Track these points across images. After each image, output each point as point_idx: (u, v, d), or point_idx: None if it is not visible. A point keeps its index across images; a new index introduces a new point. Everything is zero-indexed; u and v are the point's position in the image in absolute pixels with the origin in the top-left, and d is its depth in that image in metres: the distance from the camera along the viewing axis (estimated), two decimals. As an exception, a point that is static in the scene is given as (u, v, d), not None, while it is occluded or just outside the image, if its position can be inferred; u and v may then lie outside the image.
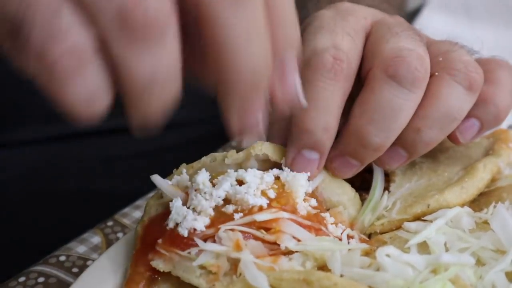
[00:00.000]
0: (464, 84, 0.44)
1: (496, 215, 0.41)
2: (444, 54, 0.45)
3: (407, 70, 0.43)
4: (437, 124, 0.44)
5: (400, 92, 0.43)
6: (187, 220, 0.43)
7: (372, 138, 0.44)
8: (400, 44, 0.44)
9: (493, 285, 0.38)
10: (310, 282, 0.37)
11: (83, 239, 0.53)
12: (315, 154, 0.44)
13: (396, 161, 0.47)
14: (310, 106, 0.43)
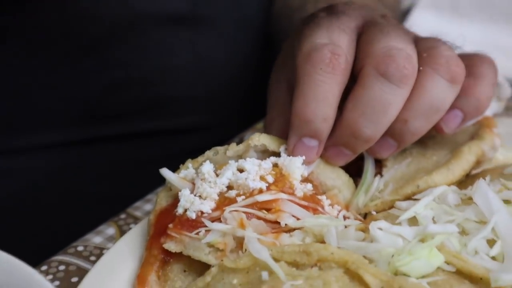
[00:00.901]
0: (446, 77, 0.48)
1: (478, 190, 0.45)
2: (429, 50, 0.49)
3: (396, 68, 0.47)
4: (423, 115, 0.48)
5: (390, 88, 0.47)
6: (195, 205, 0.47)
7: (363, 130, 0.48)
8: (390, 43, 0.48)
9: (475, 251, 0.41)
10: (309, 253, 0.40)
11: (99, 231, 0.57)
12: (314, 142, 0.48)
13: (386, 150, 0.50)
14: (310, 98, 0.47)
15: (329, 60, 0.47)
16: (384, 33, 0.49)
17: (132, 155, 0.79)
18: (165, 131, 0.80)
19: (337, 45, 0.48)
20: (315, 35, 0.49)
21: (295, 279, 0.38)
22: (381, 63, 0.47)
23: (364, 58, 0.48)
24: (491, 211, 0.43)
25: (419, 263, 0.39)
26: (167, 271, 0.47)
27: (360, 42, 0.50)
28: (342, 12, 0.52)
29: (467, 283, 0.39)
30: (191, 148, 0.80)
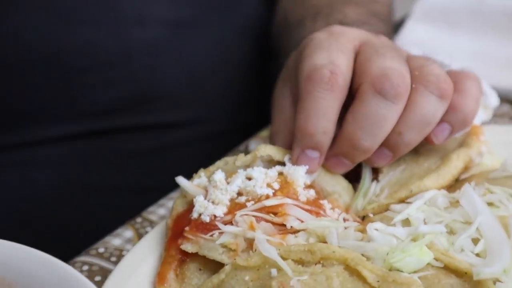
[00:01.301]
0: (436, 94, 0.53)
1: (464, 193, 0.50)
2: (420, 69, 0.54)
3: (391, 86, 0.52)
4: (415, 128, 0.53)
5: (385, 104, 0.52)
6: (208, 210, 0.52)
7: (361, 142, 0.53)
8: (386, 64, 0.53)
9: (461, 248, 0.46)
10: (313, 252, 0.45)
11: (117, 234, 0.62)
12: (316, 153, 0.54)
13: (382, 160, 0.55)
14: (311, 113, 0.52)
15: (328, 79, 0.52)
16: (380, 53, 0.54)
17: (140, 145, 0.84)
18: (155, 125, 0.84)
19: (336, 65, 0.53)
20: (316, 56, 0.54)
21: (301, 275, 0.43)
22: (377, 81, 0.52)
23: (361, 77, 0.53)
24: (475, 213, 0.48)
25: (411, 260, 0.44)
26: (184, 270, 0.51)
27: (358, 61, 0.55)
28: (340, 34, 0.57)
29: (453, 277, 0.44)
30: (179, 142, 0.85)
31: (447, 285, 0.43)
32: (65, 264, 0.40)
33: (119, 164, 0.83)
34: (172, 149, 0.86)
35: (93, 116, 0.81)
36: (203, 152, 0.87)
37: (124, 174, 0.84)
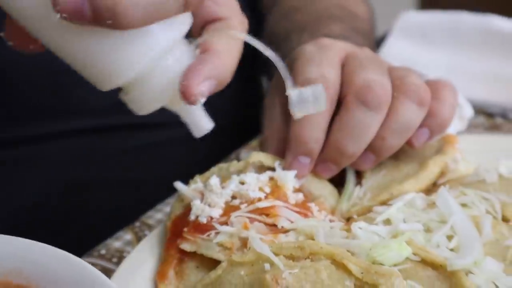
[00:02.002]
0: (416, 102, 0.58)
1: (440, 195, 0.54)
2: (401, 79, 0.59)
3: (373, 96, 0.57)
4: (397, 133, 0.58)
5: (369, 114, 0.57)
6: (205, 212, 0.56)
7: (347, 148, 0.58)
8: (368, 76, 0.58)
9: (437, 244, 0.51)
10: (303, 248, 0.49)
11: (118, 236, 0.66)
12: (307, 159, 0.58)
13: (367, 163, 0.60)
14: (305, 124, 0.57)
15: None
16: (363, 66, 0.59)
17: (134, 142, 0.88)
18: (143, 124, 0.88)
19: (327, 79, 0.58)
20: (308, 70, 0.59)
21: (292, 269, 0.47)
22: (361, 93, 0.57)
23: (346, 88, 0.58)
24: (450, 213, 0.53)
25: (391, 254, 0.49)
26: (183, 268, 0.55)
27: (344, 73, 0.60)
28: (328, 46, 0.62)
29: (430, 269, 0.48)
30: (168, 141, 0.89)
31: (424, 276, 0.48)
32: (82, 261, 0.44)
33: (113, 160, 0.87)
34: (161, 147, 0.90)
35: (86, 115, 0.84)
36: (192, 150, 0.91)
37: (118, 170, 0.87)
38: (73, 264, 0.44)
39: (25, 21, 0.45)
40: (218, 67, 0.47)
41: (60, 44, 0.46)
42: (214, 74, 0.46)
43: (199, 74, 0.46)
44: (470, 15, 1.03)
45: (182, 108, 0.49)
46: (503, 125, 0.86)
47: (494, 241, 0.51)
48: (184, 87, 0.45)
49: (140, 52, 0.45)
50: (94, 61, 0.45)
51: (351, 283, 0.46)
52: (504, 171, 0.61)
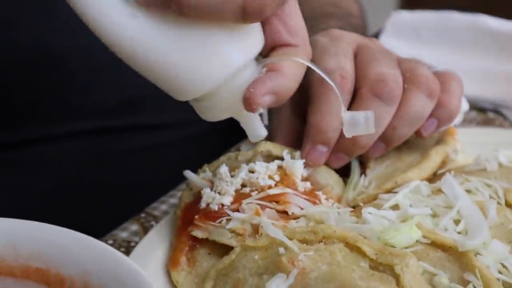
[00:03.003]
0: (426, 93, 0.60)
1: (445, 181, 0.56)
2: (411, 71, 0.61)
3: (388, 91, 0.59)
4: (408, 123, 0.60)
5: (383, 106, 0.59)
6: (216, 199, 0.57)
7: (361, 139, 0.59)
8: (382, 69, 0.60)
9: (445, 228, 0.52)
10: (316, 232, 0.50)
11: (124, 227, 0.66)
12: (325, 148, 0.60)
13: (377, 151, 0.62)
14: (325, 113, 0.58)
15: (339, 83, 0.59)
16: (376, 59, 0.61)
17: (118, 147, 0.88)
18: (144, 126, 0.89)
19: (344, 70, 0.60)
20: (325, 61, 0.60)
21: (306, 251, 0.48)
22: (375, 86, 0.59)
23: (360, 81, 0.60)
24: (456, 198, 0.54)
25: (403, 237, 0.50)
26: (194, 254, 0.56)
27: (357, 65, 0.62)
28: (340, 37, 0.63)
29: (440, 251, 0.50)
30: (167, 142, 0.90)
31: (434, 258, 0.49)
32: (103, 243, 0.44)
33: (113, 162, 0.87)
34: (160, 149, 0.91)
35: (88, 117, 0.84)
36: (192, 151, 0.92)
37: (118, 172, 0.88)
38: (94, 247, 0.44)
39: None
40: (281, 86, 0.51)
41: (142, 53, 0.48)
42: (276, 90, 0.50)
43: (265, 86, 0.50)
44: (460, 14, 1.05)
45: (243, 115, 0.53)
46: (495, 120, 0.88)
47: (499, 224, 0.53)
48: (249, 95, 0.49)
49: (220, 67, 0.49)
50: (177, 72, 0.49)
51: (366, 264, 0.47)
52: (503, 160, 0.63)
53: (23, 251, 0.46)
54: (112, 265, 0.44)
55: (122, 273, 0.43)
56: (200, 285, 0.54)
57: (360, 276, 0.45)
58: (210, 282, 0.52)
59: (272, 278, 0.47)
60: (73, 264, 0.45)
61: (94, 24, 0.48)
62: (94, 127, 0.85)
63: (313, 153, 0.60)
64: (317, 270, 0.46)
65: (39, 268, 0.45)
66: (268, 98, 0.50)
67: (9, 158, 0.82)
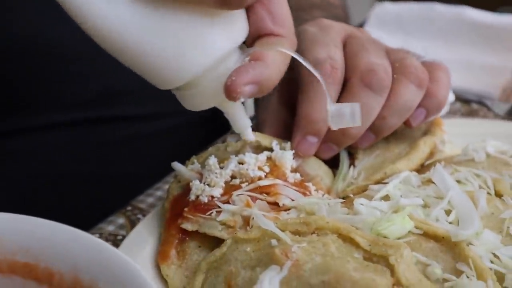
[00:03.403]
0: (415, 83, 0.59)
1: (436, 172, 0.56)
2: (400, 61, 0.61)
3: (378, 80, 0.58)
4: (398, 113, 0.60)
5: (373, 96, 0.58)
6: (206, 191, 0.56)
7: (351, 129, 0.59)
8: (372, 59, 0.59)
9: (436, 218, 0.52)
10: (308, 223, 0.50)
11: (111, 221, 0.65)
12: (315, 139, 0.59)
13: (367, 142, 0.62)
14: (315, 103, 0.58)
15: (330, 73, 0.58)
16: (365, 49, 0.60)
17: (116, 135, 0.87)
18: (124, 117, 0.87)
19: (335, 60, 0.59)
20: (315, 51, 0.60)
21: (299, 243, 0.48)
22: (365, 76, 0.58)
23: (350, 71, 0.60)
24: (447, 188, 0.54)
25: (395, 228, 0.50)
26: (184, 247, 0.55)
27: (346, 54, 0.61)
28: (329, 27, 0.63)
29: (432, 242, 0.49)
30: (148, 133, 0.89)
31: (427, 248, 0.49)
32: (91, 236, 0.43)
33: (96, 154, 0.86)
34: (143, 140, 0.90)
35: (68, 108, 0.83)
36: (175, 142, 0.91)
37: (101, 163, 0.86)
38: (83, 240, 0.43)
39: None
40: (264, 75, 0.50)
41: (122, 41, 0.47)
42: (259, 80, 0.50)
43: (247, 75, 0.49)
44: (443, 6, 1.05)
45: (226, 105, 0.52)
46: (479, 111, 0.88)
47: (490, 214, 0.53)
48: (230, 83, 0.48)
49: (202, 55, 0.48)
50: (158, 60, 0.48)
51: (359, 255, 0.47)
52: (491, 150, 0.63)
53: (9, 246, 0.44)
54: (102, 257, 0.43)
55: (113, 266, 0.42)
56: (190, 278, 0.53)
57: (354, 267, 0.45)
58: (201, 275, 0.51)
59: (265, 270, 0.47)
60: (62, 258, 0.44)
61: (74, 12, 0.47)
62: (76, 119, 0.84)
63: (303, 144, 0.59)
64: (311, 262, 0.46)
65: (27, 263, 0.44)
66: (249, 88, 0.49)
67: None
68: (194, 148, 0.79)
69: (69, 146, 0.84)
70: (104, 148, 0.86)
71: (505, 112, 0.85)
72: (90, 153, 0.85)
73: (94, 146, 0.86)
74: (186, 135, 0.92)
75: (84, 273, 0.43)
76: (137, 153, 0.89)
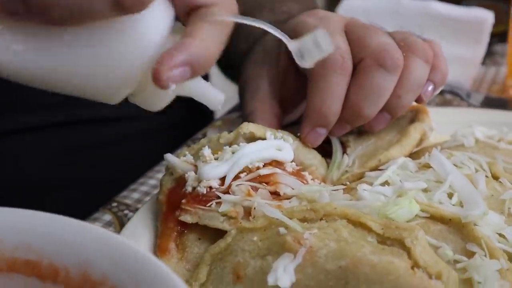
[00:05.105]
0: (423, 59, 0.60)
1: (433, 156, 0.56)
2: (404, 40, 0.61)
3: (392, 59, 0.58)
4: (411, 90, 0.60)
5: (388, 76, 0.58)
6: (204, 182, 0.54)
7: (365, 110, 0.59)
8: (381, 39, 0.59)
9: (440, 202, 0.52)
10: (316, 210, 0.49)
11: (96, 218, 0.62)
12: (324, 130, 0.59)
13: (382, 123, 0.62)
14: (326, 96, 0.57)
15: (340, 64, 0.57)
16: (372, 31, 0.60)
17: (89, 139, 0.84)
18: (102, 119, 0.85)
19: (343, 50, 0.58)
20: None
21: (310, 230, 0.47)
22: (379, 56, 0.58)
23: (361, 53, 0.59)
24: (446, 172, 0.54)
25: (403, 211, 0.49)
26: (184, 240, 0.53)
27: (352, 40, 0.60)
28: (328, 17, 0.62)
29: (440, 224, 0.49)
30: (127, 135, 0.86)
31: (435, 231, 0.49)
32: (99, 227, 0.41)
33: (60, 159, 0.83)
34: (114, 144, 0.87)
35: (32, 111, 0.80)
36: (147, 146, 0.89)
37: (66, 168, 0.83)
38: (90, 232, 0.41)
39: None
40: (196, 54, 0.46)
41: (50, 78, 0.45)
42: (188, 60, 0.45)
43: (171, 59, 0.45)
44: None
45: (189, 91, 0.49)
46: (452, 101, 0.90)
47: (490, 196, 0.54)
48: (155, 72, 0.44)
49: (131, 64, 0.45)
50: (86, 84, 0.46)
51: (373, 239, 0.46)
52: (479, 136, 0.64)
53: (9, 243, 0.42)
54: (113, 250, 0.40)
55: (124, 258, 0.40)
56: (193, 271, 0.51)
57: (370, 251, 0.44)
58: (205, 267, 0.50)
59: (278, 258, 0.45)
60: (68, 253, 0.41)
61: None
62: (46, 121, 0.80)
63: (312, 135, 0.59)
64: (325, 248, 0.45)
65: (29, 260, 0.41)
66: (179, 71, 0.45)
67: None
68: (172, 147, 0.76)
69: (38, 150, 0.80)
70: (78, 151, 0.83)
71: (480, 102, 0.87)
72: (65, 157, 0.81)
73: (64, 150, 0.82)
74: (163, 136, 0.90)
75: (94, 267, 0.40)
76: (112, 155, 0.86)
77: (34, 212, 0.42)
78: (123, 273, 0.39)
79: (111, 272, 0.40)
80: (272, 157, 0.56)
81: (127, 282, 0.39)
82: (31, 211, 0.42)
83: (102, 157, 0.86)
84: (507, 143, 0.63)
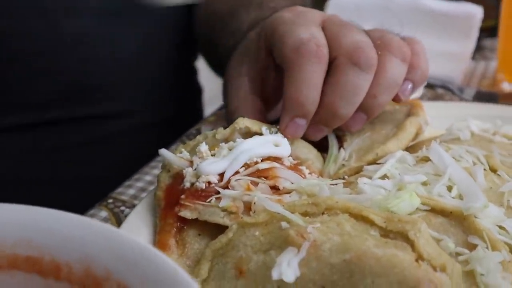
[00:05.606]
0: (400, 57, 0.59)
1: (433, 149, 0.56)
2: (381, 38, 0.60)
3: (366, 58, 0.57)
4: (387, 89, 0.59)
5: (362, 74, 0.57)
6: (202, 177, 0.54)
7: (341, 110, 0.58)
8: (356, 37, 0.58)
9: (439, 195, 0.52)
10: (317, 204, 0.49)
11: (92, 214, 0.61)
12: (303, 121, 0.58)
13: (358, 123, 0.61)
14: (302, 85, 0.56)
15: (315, 52, 0.56)
16: (348, 28, 0.59)
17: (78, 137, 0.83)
18: (87, 116, 0.84)
19: (318, 39, 0.57)
20: (297, 31, 0.58)
21: (312, 224, 0.47)
22: (353, 54, 0.57)
23: (335, 50, 0.58)
24: (445, 165, 0.54)
25: (404, 204, 0.49)
26: (183, 236, 0.53)
27: (328, 36, 0.60)
28: (304, 12, 0.62)
29: (441, 217, 0.49)
30: (113, 133, 0.85)
31: (437, 223, 0.49)
32: (102, 223, 0.40)
33: (52, 157, 0.82)
34: (106, 141, 0.86)
35: (23, 108, 0.79)
36: (138, 143, 0.88)
37: (58, 166, 0.82)
38: (92, 227, 0.40)
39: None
40: None
41: None
42: None
43: None
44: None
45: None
46: (444, 95, 0.90)
47: (488, 189, 0.54)
48: None
49: None
50: None
51: (376, 232, 0.46)
52: (475, 129, 0.64)
53: (8, 240, 0.41)
54: (115, 244, 0.40)
55: (127, 252, 0.39)
56: (193, 267, 0.51)
57: (374, 244, 0.44)
58: (206, 263, 0.49)
59: (281, 253, 0.45)
60: (69, 248, 0.40)
61: None
62: (37, 120, 0.79)
63: (292, 126, 0.58)
64: (329, 242, 0.45)
65: (29, 256, 0.41)
66: None
67: None
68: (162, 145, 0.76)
69: (33, 148, 0.79)
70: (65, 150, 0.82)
71: (472, 97, 0.87)
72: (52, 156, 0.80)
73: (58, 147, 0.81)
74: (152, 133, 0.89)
75: (96, 262, 0.39)
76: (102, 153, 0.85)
77: (33, 208, 0.41)
78: (127, 268, 0.39)
79: (114, 266, 0.39)
80: (271, 153, 0.56)
81: (131, 276, 0.38)
82: (30, 207, 0.41)
83: (96, 154, 0.85)
84: (502, 136, 0.64)
